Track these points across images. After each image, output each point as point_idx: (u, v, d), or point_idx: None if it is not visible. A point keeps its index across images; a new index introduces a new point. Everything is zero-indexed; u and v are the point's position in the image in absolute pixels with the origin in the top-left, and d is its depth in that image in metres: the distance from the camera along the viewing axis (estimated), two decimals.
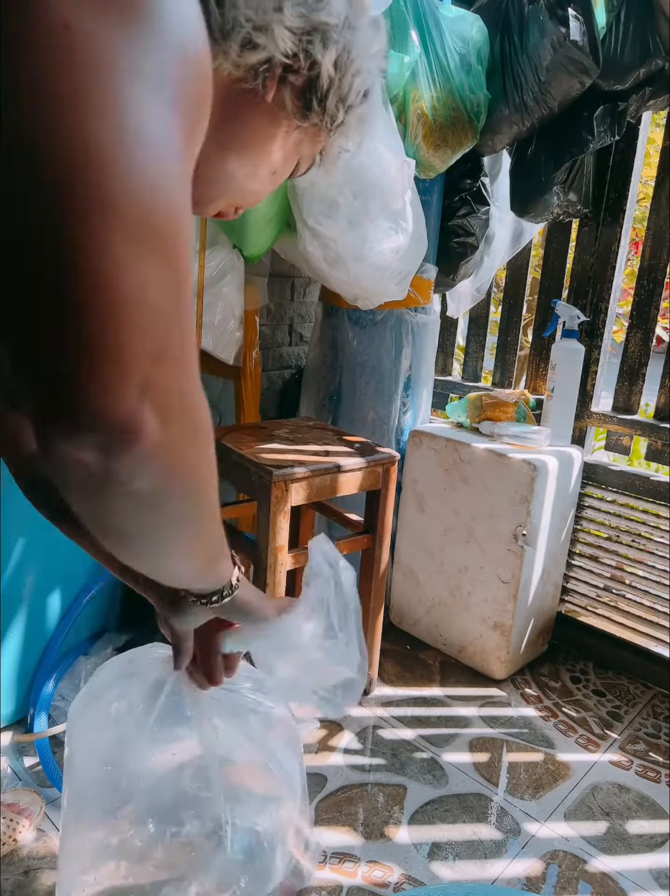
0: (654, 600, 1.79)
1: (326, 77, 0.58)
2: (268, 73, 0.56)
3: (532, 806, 1.40)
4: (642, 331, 1.78)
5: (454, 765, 1.50)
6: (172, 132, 0.39)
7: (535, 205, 1.69)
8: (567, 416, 1.83)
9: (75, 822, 0.91)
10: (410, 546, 1.94)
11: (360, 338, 1.86)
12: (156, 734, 0.83)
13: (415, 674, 1.83)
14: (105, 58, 0.35)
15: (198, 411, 0.43)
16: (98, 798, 0.89)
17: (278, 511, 1.38)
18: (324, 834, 1.29)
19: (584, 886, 1.22)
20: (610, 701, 1.76)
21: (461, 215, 1.82)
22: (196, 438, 0.43)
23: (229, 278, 1.69)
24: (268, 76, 0.56)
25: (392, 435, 1.91)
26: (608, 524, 1.87)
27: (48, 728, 1.45)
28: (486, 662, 1.81)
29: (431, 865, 1.25)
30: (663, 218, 1.69)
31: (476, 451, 1.74)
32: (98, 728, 0.86)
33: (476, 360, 2.18)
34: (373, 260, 1.55)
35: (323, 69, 0.57)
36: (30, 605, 1.46)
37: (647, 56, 1.45)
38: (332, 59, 0.57)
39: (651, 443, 1.85)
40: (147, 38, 0.37)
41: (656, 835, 1.35)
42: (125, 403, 0.37)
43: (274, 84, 0.57)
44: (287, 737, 0.96)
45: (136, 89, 0.36)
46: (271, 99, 0.58)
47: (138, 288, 0.36)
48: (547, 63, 1.45)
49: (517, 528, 1.68)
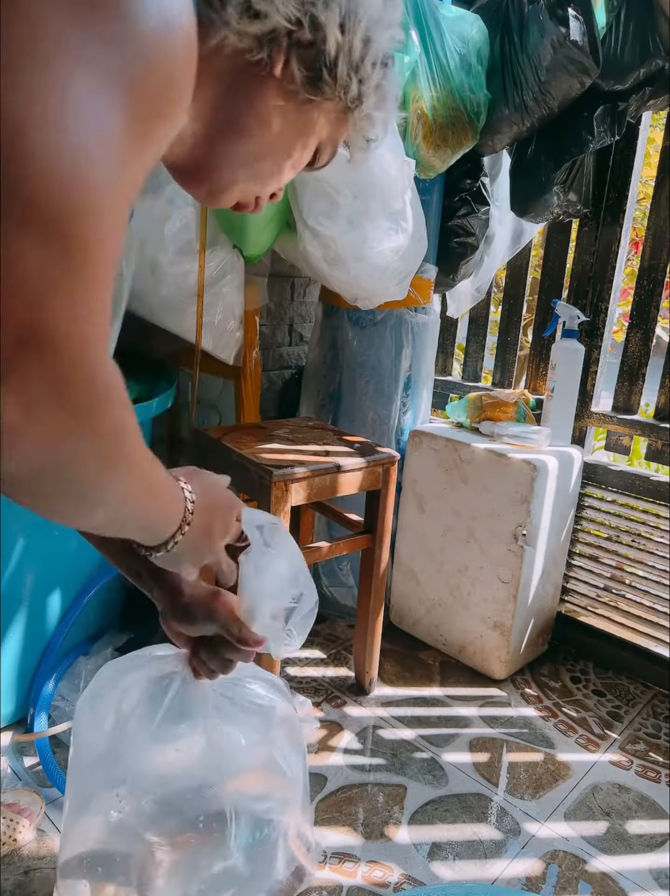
0: (654, 600, 1.79)
1: (333, 41, 0.55)
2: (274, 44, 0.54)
3: (532, 806, 1.40)
4: (642, 331, 1.78)
5: (454, 765, 1.50)
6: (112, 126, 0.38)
7: (535, 205, 1.69)
8: (567, 416, 1.83)
9: (77, 814, 0.91)
10: (410, 546, 1.94)
11: (360, 338, 1.86)
12: (160, 731, 0.83)
13: (415, 674, 1.83)
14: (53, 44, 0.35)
15: (86, 398, 0.40)
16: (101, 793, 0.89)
17: (278, 511, 1.38)
18: (324, 834, 1.29)
19: (584, 886, 1.22)
20: (610, 701, 1.76)
21: (461, 215, 1.82)
22: (85, 423, 0.41)
23: (229, 278, 1.69)
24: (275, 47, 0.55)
25: (392, 435, 1.91)
26: (608, 524, 1.87)
27: (48, 728, 1.45)
28: (486, 662, 1.81)
29: (431, 865, 1.25)
30: (663, 218, 1.69)
31: (476, 451, 1.74)
32: (102, 724, 0.87)
33: (476, 360, 2.18)
34: (373, 260, 1.55)
35: (328, 32, 0.55)
36: (30, 605, 1.45)
37: (647, 56, 1.45)
38: (337, 20, 0.55)
39: (651, 443, 1.85)
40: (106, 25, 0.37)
41: (656, 835, 1.35)
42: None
43: (281, 55, 0.55)
44: (290, 735, 0.96)
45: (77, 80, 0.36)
46: (279, 72, 0.56)
47: (8, 270, 0.35)
48: (547, 63, 1.45)
49: (517, 528, 1.68)
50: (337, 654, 1.87)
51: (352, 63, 0.58)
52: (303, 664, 1.81)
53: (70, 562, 1.51)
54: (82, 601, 1.55)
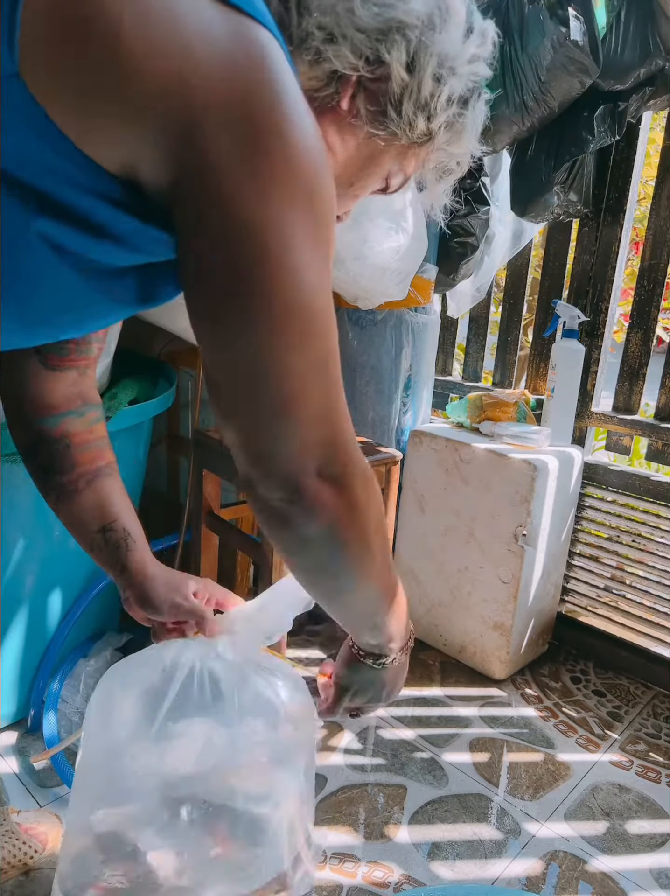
0: (654, 600, 1.79)
1: (398, 79, 0.55)
2: (342, 80, 0.55)
3: (532, 806, 1.40)
4: (642, 331, 1.78)
5: (454, 765, 1.50)
6: (323, 268, 0.51)
7: (535, 205, 1.69)
8: (567, 416, 1.83)
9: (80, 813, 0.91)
10: (410, 546, 1.94)
11: (360, 338, 1.86)
12: (164, 728, 0.84)
13: (415, 674, 1.83)
14: (283, 234, 0.47)
15: (365, 485, 0.57)
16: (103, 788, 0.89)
17: None
18: (324, 834, 1.29)
19: (584, 887, 1.22)
20: (610, 701, 1.76)
21: (461, 215, 1.82)
22: (362, 504, 0.57)
23: None
24: (342, 83, 0.55)
25: (392, 435, 1.91)
26: (608, 524, 1.87)
27: (56, 727, 1.45)
28: (486, 662, 1.81)
29: (431, 865, 1.25)
30: (663, 218, 1.69)
31: (476, 451, 1.74)
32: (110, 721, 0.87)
33: (476, 360, 2.18)
34: (373, 260, 1.55)
35: (393, 71, 0.55)
36: (30, 606, 1.45)
37: (647, 56, 1.44)
38: (403, 60, 0.55)
39: (651, 443, 1.85)
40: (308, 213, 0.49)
41: (656, 835, 1.35)
42: (307, 480, 0.53)
43: (348, 90, 0.56)
44: (297, 733, 0.96)
45: (303, 249, 0.49)
46: (346, 106, 0.56)
47: (316, 401, 0.52)
48: (548, 63, 1.45)
49: (517, 528, 1.68)
50: (337, 654, 1.87)
51: (419, 101, 0.57)
52: (304, 664, 1.81)
53: (70, 563, 1.51)
54: (83, 602, 1.55)
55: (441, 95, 0.57)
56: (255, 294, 0.47)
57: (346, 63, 0.54)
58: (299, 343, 0.50)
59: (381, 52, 0.54)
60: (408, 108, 0.57)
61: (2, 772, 1.37)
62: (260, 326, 0.48)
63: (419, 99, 0.57)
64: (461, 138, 0.62)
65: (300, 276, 0.48)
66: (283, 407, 0.51)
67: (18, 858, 1.14)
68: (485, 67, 0.60)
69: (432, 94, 0.57)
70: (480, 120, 0.64)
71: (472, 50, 0.58)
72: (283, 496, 0.53)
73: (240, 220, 0.46)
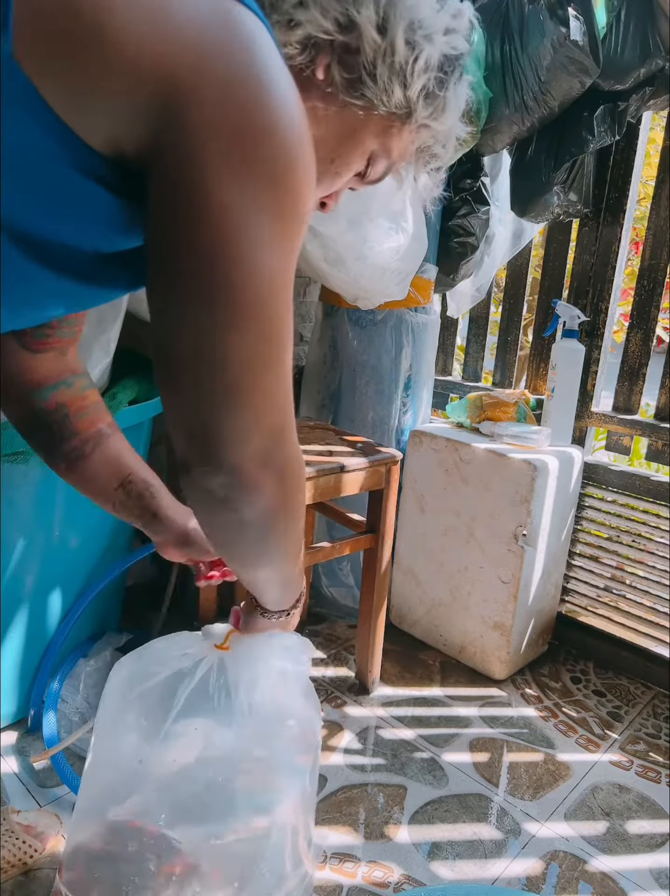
0: (654, 600, 1.79)
1: (370, 40, 0.55)
2: (317, 48, 0.55)
3: (532, 806, 1.40)
4: (642, 331, 1.78)
5: (454, 765, 1.50)
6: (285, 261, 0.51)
7: (535, 205, 1.69)
8: (567, 416, 1.83)
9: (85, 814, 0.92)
10: (410, 546, 1.94)
11: (360, 338, 1.86)
12: (169, 728, 0.84)
13: (415, 674, 1.83)
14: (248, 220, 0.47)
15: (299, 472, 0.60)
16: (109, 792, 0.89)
17: None
18: (324, 834, 1.29)
19: (584, 886, 1.22)
20: (610, 701, 1.76)
21: (461, 215, 1.82)
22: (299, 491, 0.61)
23: None
24: (318, 51, 0.55)
25: (392, 435, 1.91)
26: (608, 524, 1.87)
27: (55, 727, 1.45)
28: (486, 662, 1.81)
29: (431, 865, 1.25)
30: (663, 218, 1.69)
31: (476, 451, 1.74)
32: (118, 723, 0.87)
33: (476, 360, 2.18)
34: (373, 260, 1.55)
35: (364, 32, 0.55)
36: (30, 606, 1.45)
37: (647, 56, 1.44)
38: (373, 19, 0.55)
39: (651, 443, 1.85)
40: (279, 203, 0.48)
41: (656, 835, 1.35)
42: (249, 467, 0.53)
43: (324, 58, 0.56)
44: (300, 733, 0.96)
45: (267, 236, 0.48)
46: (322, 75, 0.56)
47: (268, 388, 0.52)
48: (548, 63, 1.45)
49: (517, 528, 1.68)
50: (337, 654, 1.87)
51: (394, 66, 0.57)
52: None
53: (70, 563, 1.51)
54: (83, 602, 1.54)
55: (416, 61, 0.57)
56: (210, 274, 0.47)
57: (317, 27, 0.54)
58: (252, 330, 0.49)
59: (351, 13, 0.54)
60: (382, 73, 0.57)
61: (2, 772, 1.37)
62: (214, 309, 0.48)
63: (394, 63, 0.57)
64: (442, 115, 0.62)
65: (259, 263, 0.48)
66: (232, 392, 0.50)
67: (18, 858, 1.14)
68: (462, 41, 0.60)
69: (406, 60, 0.57)
70: (462, 99, 0.64)
71: (447, 21, 0.59)
72: (224, 481, 0.53)
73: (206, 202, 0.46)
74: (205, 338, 0.49)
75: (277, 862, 0.92)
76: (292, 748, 0.93)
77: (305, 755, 0.95)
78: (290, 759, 0.93)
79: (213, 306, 0.48)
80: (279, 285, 0.50)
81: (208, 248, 0.46)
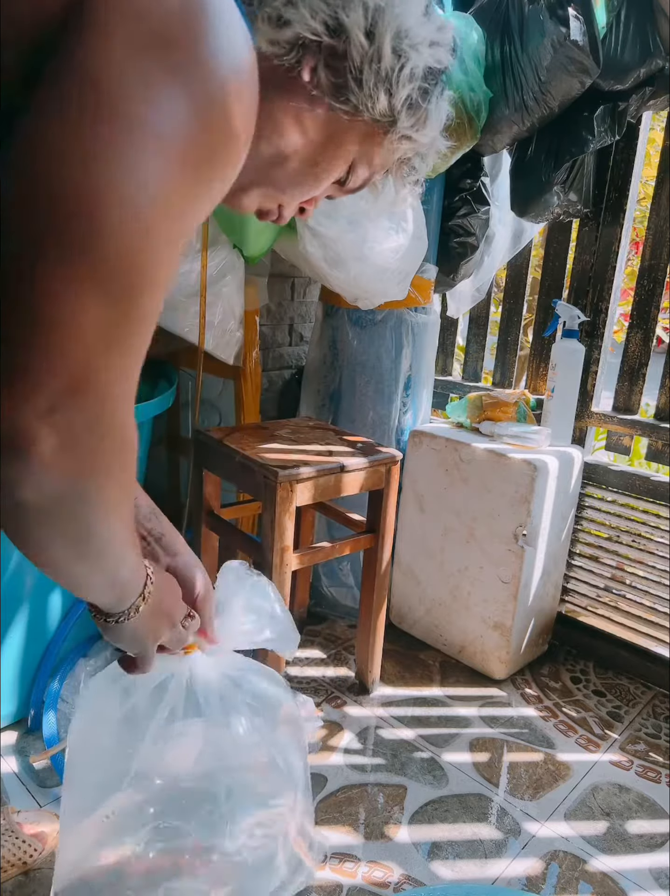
0: (654, 600, 1.79)
1: (357, 45, 0.55)
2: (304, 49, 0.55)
3: (532, 806, 1.40)
4: (642, 331, 1.78)
5: (454, 765, 1.50)
6: (170, 189, 0.41)
7: (535, 205, 1.69)
8: (567, 416, 1.83)
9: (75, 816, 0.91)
10: (410, 546, 1.94)
11: (360, 338, 1.86)
12: (161, 730, 0.83)
13: (415, 674, 1.83)
14: (120, 116, 0.39)
15: (111, 448, 0.44)
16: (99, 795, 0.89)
17: (283, 511, 1.38)
18: (324, 834, 1.29)
19: (584, 886, 1.22)
20: (610, 701, 1.76)
21: (461, 215, 1.82)
22: (104, 471, 0.45)
23: (229, 278, 1.69)
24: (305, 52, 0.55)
25: (392, 435, 1.91)
26: (608, 524, 1.87)
27: (55, 727, 1.45)
28: (486, 662, 1.81)
29: (431, 865, 1.25)
30: (663, 218, 1.69)
31: (476, 451, 1.74)
32: (101, 727, 0.87)
33: (476, 360, 2.18)
34: (373, 260, 1.55)
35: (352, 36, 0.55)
36: (30, 606, 1.45)
37: (647, 56, 1.44)
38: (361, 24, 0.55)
39: (651, 443, 1.85)
40: (172, 90, 0.40)
41: (656, 835, 1.35)
42: (23, 417, 0.39)
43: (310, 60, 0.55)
44: (292, 734, 0.96)
45: (141, 149, 0.40)
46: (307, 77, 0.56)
47: (69, 321, 0.39)
48: (548, 63, 1.45)
49: (517, 528, 1.68)
50: (337, 654, 1.87)
51: (380, 73, 0.57)
52: (304, 664, 1.81)
53: None
54: (83, 602, 1.54)
55: (402, 70, 0.57)
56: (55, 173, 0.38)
57: (306, 27, 0.54)
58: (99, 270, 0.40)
59: (340, 16, 0.54)
60: (368, 78, 0.57)
61: (2, 772, 1.37)
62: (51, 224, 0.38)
63: (380, 70, 0.57)
64: (424, 127, 0.62)
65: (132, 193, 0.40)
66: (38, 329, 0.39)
67: (18, 858, 1.14)
68: (446, 55, 0.60)
69: (392, 68, 0.57)
70: (444, 113, 0.64)
71: (433, 33, 0.59)
72: None
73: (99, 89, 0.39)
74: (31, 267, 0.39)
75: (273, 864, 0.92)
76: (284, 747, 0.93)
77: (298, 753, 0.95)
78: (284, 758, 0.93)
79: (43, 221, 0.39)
80: (158, 237, 0.42)
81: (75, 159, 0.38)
